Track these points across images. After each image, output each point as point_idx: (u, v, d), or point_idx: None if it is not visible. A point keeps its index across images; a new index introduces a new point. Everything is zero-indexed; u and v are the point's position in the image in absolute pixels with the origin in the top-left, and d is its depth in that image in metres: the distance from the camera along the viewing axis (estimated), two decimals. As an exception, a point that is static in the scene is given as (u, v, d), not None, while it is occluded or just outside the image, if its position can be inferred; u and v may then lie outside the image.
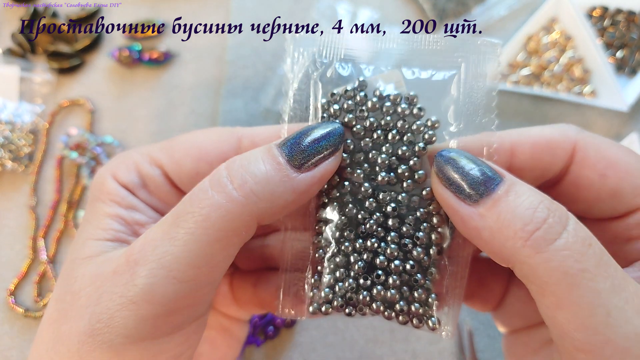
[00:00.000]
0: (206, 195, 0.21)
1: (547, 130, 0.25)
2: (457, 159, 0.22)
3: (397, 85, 0.25)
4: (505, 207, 0.20)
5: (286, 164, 0.22)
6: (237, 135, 0.26)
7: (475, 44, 0.24)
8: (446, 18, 0.58)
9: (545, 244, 0.19)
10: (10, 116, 0.54)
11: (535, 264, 0.19)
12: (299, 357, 0.47)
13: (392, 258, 0.24)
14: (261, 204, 0.21)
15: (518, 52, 0.57)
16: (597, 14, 0.58)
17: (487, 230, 0.21)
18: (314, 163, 0.22)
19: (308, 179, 0.22)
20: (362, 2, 0.59)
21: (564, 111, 0.55)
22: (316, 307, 0.25)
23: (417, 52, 0.25)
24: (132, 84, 0.57)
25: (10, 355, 0.48)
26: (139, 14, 0.60)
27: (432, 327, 0.24)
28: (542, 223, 0.19)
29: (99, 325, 0.21)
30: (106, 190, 0.25)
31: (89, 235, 0.24)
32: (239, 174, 0.21)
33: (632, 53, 0.56)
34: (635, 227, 0.24)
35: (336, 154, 0.23)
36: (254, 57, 0.57)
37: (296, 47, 0.25)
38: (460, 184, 0.22)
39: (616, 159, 0.24)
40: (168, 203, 0.27)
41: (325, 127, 0.23)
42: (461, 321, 0.48)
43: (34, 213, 0.52)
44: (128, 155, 0.27)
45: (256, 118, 0.55)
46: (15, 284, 0.50)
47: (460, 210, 0.22)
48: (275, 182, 0.22)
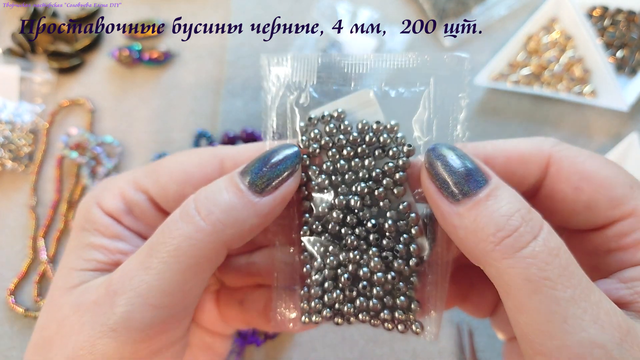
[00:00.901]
0: (176, 227, 0.23)
1: (522, 143, 0.26)
2: (446, 155, 0.23)
3: (370, 103, 0.25)
4: (483, 211, 0.21)
5: (247, 190, 0.23)
6: (219, 157, 0.27)
7: (443, 60, 0.25)
8: (446, 18, 0.58)
9: (512, 250, 0.20)
10: (10, 116, 0.54)
11: (502, 268, 0.20)
12: (299, 357, 0.47)
13: (375, 270, 0.25)
14: (228, 230, 0.23)
15: (518, 51, 0.57)
16: (597, 14, 0.58)
17: (463, 229, 0.22)
18: (274, 186, 0.24)
19: (270, 201, 0.24)
20: (362, 2, 0.59)
21: (564, 111, 0.55)
22: (307, 317, 0.26)
23: (387, 71, 0.25)
24: (132, 83, 0.57)
25: (10, 355, 0.48)
26: (139, 14, 0.60)
27: (415, 331, 0.26)
28: (514, 231, 0.20)
29: (81, 352, 0.22)
30: (90, 219, 0.26)
31: (73, 265, 0.25)
32: (205, 205, 0.23)
33: (632, 53, 0.56)
34: (613, 239, 0.24)
35: (294, 174, 0.25)
36: (254, 57, 0.57)
37: (272, 70, 0.26)
38: (445, 181, 0.22)
39: (591, 171, 0.24)
40: (154, 227, 0.27)
41: (282, 151, 0.25)
42: (461, 321, 0.48)
43: (34, 213, 0.52)
44: (113, 182, 0.27)
45: (256, 118, 0.55)
46: (15, 284, 0.50)
47: (442, 206, 0.23)
48: (239, 209, 0.23)
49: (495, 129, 0.55)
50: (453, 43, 0.57)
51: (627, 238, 0.24)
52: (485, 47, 0.58)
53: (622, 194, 0.23)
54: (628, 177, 0.24)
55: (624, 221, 0.24)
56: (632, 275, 0.23)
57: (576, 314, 0.19)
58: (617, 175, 0.24)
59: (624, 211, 0.23)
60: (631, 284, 0.23)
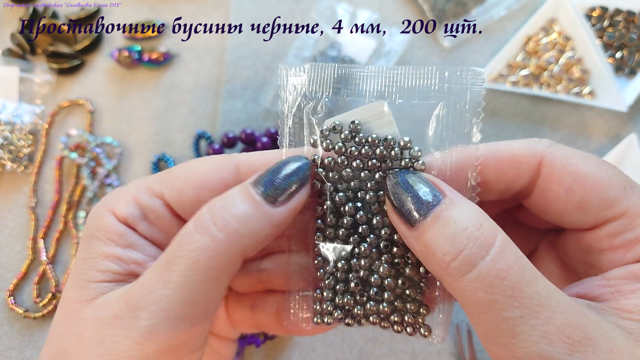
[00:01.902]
0: (193, 239, 0.23)
1: (515, 145, 0.26)
2: (399, 183, 0.24)
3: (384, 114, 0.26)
4: (432, 234, 0.22)
5: (262, 201, 0.24)
6: (235, 162, 0.27)
7: (458, 74, 0.25)
8: (445, 18, 0.58)
9: (459, 274, 0.21)
10: (10, 117, 0.54)
11: (453, 290, 0.22)
12: (298, 357, 0.47)
13: (385, 276, 0.26)
14: (244, 240, 0.23)
15: (517, 52, 0.57)
16: (597, 15, 0.58)
17: (420, 253, 0.23)
18: (287, 197, 0.24)
19: (284, 211, 0.24)
20: (362, 3, 0.59)
21: (563, 112, 0.55)
22: (319, 318, 0.27)
23: (401, 83, 0.26)
24: (132, 84, 0.57)
25: (9, 355, 0.48)
26: (139, 14, 0.60)
27: (423, 334, 0.26)
28: (459, 253, 0.21)
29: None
30: (103, 227, 0.26)
31: (87, 277, 0.25)
32: (221, 216, 0.23)
33: (632, 54, 0.57)
34: (606, 239, 0.24)
35: (306, 186, 0.25)
36: (253, 58, 0.57)
37: (289, 80, 0.27)
38: (398, 208, 0.24)
39: (584, 172, 0.24)
40: (170, 233, 0.27)
41: (294, 162, 0.25)
42: (461, 321, 0.48)
43: (33, 214, 0.52)
44: (125, 189, 0.27)
45: (256, 118, 0.55)
46: (15, 285, 0.50)
47: (403, 232, 0.24)
48: (255, 219, 0.23)
49: (494, 130, 0.55)
50: (452, 44, 0.58)
51: (618, 238, 0.24)
52: (485, 48, 0.58)
53: (614, 195, 0.24)
54: (622, 178, 0.24)
55: (615, 222, 0.24)
56: (616, 274, 0.23)
57: (524, 331, 0.20)
58: (610, 176, 0.24)
59: (616, 212, 0.24)
60: (614, 282, 0.23)
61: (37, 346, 0.48)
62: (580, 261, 0.27)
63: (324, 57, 0.56)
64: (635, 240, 0.23)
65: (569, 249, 0.28)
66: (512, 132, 0.55)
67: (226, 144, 0.53)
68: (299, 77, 0.27)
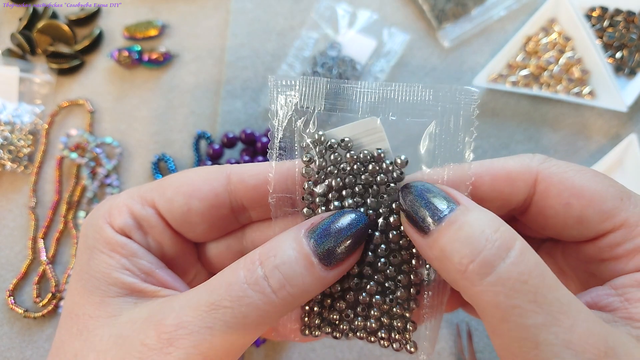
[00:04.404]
0: (245, 293, 0.22)
1: (510, 162, 0.26)
2: (412, 191, 0.24)
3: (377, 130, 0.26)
4: (447, 239, 0.21)
5: (318, 264, 0.23)
6: (226, 173, 0.27)
7: (452, 93, 0.25)
8: (445, 19, 0.58)
9: (478, 277, 0.20)
10: (10, 117, 0.54)
11: (472, 295, 0.21)
12: (298, 357, 0.47)
13: (373, 293, 0.26)
14: (296, 302, 0.23)
15: (517, 53, 0.57)
16: (597, 15, 0.58)
17: (434, 261, 0.23)
18: (342, 259, 0.24)
19: (337, 274, 0.24)
20: (361, 3, 0.59)
21: (562, 112, 0.55)
22: (308, 330, 0.27)
23: (395, 100, 0.26)
24: (132, 84, 0.57)
25: (9, 355, 0.48)
26: (139, 15, 0.60)
27: (410, 350, 0.27)
28: (477, 255, 0.20)
29: None
30: (104, 239, 0.26)
31: (104, 293, 0.25)
32: (277, 277, 0.23)
33: (631, 54, 0.57)
34: (606, 250, 0.25)
35: (361, 245, 0.25)
36: (253, 58, 0.57)
37: (279, 94, 0.26)
38: (412, 216, 0.23)
39: (581, 187, 0.24)
40: (161, 243, 0.27)
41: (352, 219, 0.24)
42: (461, 321, 0.48)
43: (33, 214, 0.52)
44: (117, 198, 0.27)
45: (255, 119, 0.55)
46: (15, 285, 0.50)
47: (416, 240, 0.23)
48: (310, 284, 0.23)
49: (494, 130, 0.55)
50: (452, 44, 0.58)
51: (619, 248, 0.24)
52: (484, 48, 0.58)
53: (612, 207, 0.24)
54: (618, 189, 0.24)
55: (615, 233, 0.24)
56: (623, 282, 0.23)
57: (547, 340, 0.19)
58: (606, 188, 0.24)
59: (615, 223, 0.24)
60: (621, 290, 0.23)
61: (37, 346, 0.48)
62: (580, 270, 0.27)
63: (324, 57, 0.56)
64: (635, 249, 0.24)
65: (568, 259, 0.28)
66: (511, 132, 0.55)
67: (226, 144, 0.53)
68: (290, 91, 0.26)
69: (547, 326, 0.19)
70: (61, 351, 0.24)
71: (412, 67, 0.57)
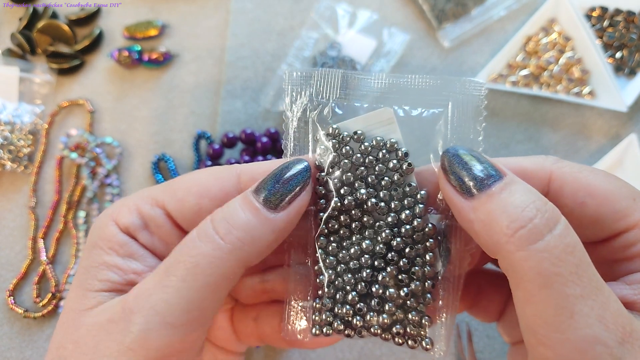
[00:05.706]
0: (194, 245, 0.23)
1: (524, 161, 0.26)
2: (462, 155, 0.24)
3: (389, 121, 0.26)
4: (497, 203, 0.22)
5: (263, 207, 0.24)
6: (236, 172, 0.27)
7: (461, 84, 0.26)
8: (445, 19, 0.58)
9: (526, 243, 0.21)
10: (10, 117, 0.54)
11: (515, 260, 0.21)
12: (298, 357, 0.47)
13: (387, 286, 0.26)
14: (246, 248, 0.23)
15: (517, 52, 0.57)
16: (596, 15, 0.58)
17: (478, 223, 0.22)
18: (288, 202, 0.24)
19: (285, 216, 0.24)
20: (361, 3, 0.59)
21: (562, 112, 0.55)
22: (318, 329, 0.27)
23: (407, 91, 0.27)
24: (132, 84, 0.57)
25: (9, 355, 0.48)
26: (139, 15, 0.60)
27: (425, 347, 0.26)
28: (528, 222, 0.21)
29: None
30: (105, 237, 0.26)
31: (87, 286, 0.25)
32: (223, 224, 0.23)
33: (632, 54, 0.57)
34: (620, 250, 0.25)
35: (306, 190, 0.25)
36: (253, 58, 0.57)
37: (293, 87, 0.27)
38: (460, 178, 0.23)
39: (595, 186, 0.25)
40: (169, 243, 0.27)
41: (293, 166, 0.25)
42: (461, 322, 0.48)
43: (33, 213, 0.52)
44: (128, 198, 0.28)
45: (256, 119, 0.55)
46: (15, 285, 0.50)
47: (458, 203, 0.23)
48: (256, 226, 0.24)
49: (494, 130, 0.55)
50: (452, 44, 0.58)
51: (633, 248, 0.24)
52: (484, 48, 0.58)
53: (625, 207, 0.24)
54: (630, 190, 0.25)
55: (628, 233, 0.24)
56: (637, 278, 0.24)
57: (583, 311, 0.20)
58: (620, 188, 0.25)
59: (629, 223, 0.24)
60: (636, 285, 0.23)
61: (37, 346, 0.48)
62: None
63: (324, 57, 0.56)
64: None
65: None
66: (512, 132, 0.55)
67: (226, 144, 0.53)
68: (306, 81, 0.27)
69: (585, 298, 0.20)
70: (50, 346, 0.25)
71: (412, 67, 0.57)
